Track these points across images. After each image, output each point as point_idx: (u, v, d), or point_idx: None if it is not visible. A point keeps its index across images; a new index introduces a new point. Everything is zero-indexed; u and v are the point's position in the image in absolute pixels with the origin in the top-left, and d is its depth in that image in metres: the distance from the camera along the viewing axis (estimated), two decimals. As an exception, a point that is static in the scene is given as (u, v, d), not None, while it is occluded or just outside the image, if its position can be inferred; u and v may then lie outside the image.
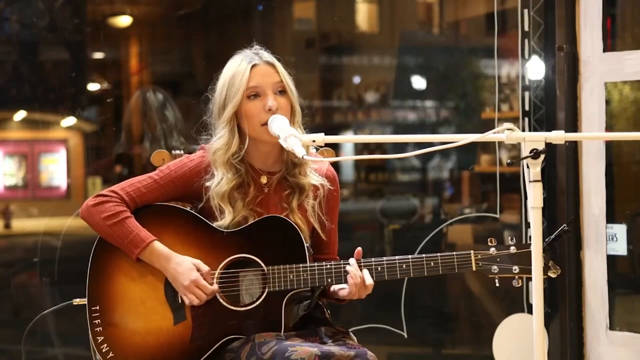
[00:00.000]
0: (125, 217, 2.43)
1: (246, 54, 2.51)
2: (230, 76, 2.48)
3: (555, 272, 2.36)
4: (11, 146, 4.45)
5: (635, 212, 3.87)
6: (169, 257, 2.42)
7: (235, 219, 2.45)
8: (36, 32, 4.22)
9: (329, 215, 2.57)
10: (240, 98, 2.45)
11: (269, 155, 2.52)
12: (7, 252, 4.39)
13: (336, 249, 2.64)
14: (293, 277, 2.41)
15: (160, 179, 2.50)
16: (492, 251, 2.42)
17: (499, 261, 2.41)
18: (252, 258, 2.43)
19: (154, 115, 4.13)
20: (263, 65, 2.48)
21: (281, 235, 2.43)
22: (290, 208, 2.50)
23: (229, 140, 2.47)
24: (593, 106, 3.70)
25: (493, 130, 2.09)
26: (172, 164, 2.54)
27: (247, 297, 2.44)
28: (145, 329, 2.45)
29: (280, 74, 2.49)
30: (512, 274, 2.41)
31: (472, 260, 2.42)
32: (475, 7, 4.84)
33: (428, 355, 4.53)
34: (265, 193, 2.51)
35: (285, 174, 2.52)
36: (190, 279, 2.39)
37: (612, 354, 3.68)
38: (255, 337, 2.37)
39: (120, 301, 2.46)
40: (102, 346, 2.44)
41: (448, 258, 2.42)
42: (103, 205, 2.44)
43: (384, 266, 2.43)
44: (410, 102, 4.98)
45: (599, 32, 3.68)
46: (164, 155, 2.71)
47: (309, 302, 2.52)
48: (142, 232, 2.42)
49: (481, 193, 4.70)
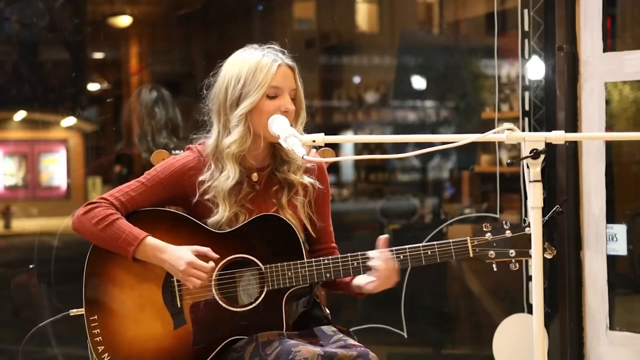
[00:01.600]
0: (116, 219, 2.42)
1: (268, 51, 2.47)
2: (253, 69, 2.43)
3: (550, 253, 2.35)
4: (11, 146, 4.45)
5: (635, 212, 3.87)
6: (164, 248, 2.39)
7: (227, 215, 2.43)
8: (36, 32, 4.22)
9: (322, 208, 2.56)
10: (261, 95, 2.41)
11: (260, 154, 2.50)
12: (7, 252, 4.39)
13: (332, 237, 2.62)
14: (291, 275, 2.40)
15: (147, 181, 2.48)
16: (487, 236, 2.41)
17: (495, 246, 2.40)
18: (249, 258, 2.42)
19: (142, 111, 4.12)
20: (286, 67, 2.46)
21: (276, 233, 2.42)
22: (279, 204, 2.49)
23: (245, 135, 2.43)
24: (593, 106, 3.70)
25: (493, 130, 2.09)
26: (159, 165, 2.52)
27: (245, 298, 2.44)
28: (145, 335, 2.43)
29: (297, 80, 2.48)
30: (509, 257, 2.40)
31: (468, 246, 2.41)
32: (475, 7, 4.85)
33: (428, 355, 4.53)
34: (256, 190, 2.50)
35: (273, 169, 2.51)
36: (186, 262, 2.36)
37: (612, 354, 3.68)
38: (259, 337, 2.36)
39: (119, 309, 2.45)
40: (103, 355, 2.42)
41: (445, 246, 2.41)
42: (92, 211, 2.43)
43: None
44: (410, 102, 4.99)
45: (599, 32, 3.68)
46: (164, 155, 2.69)
47: (308, 299, 2.51)
48: (135, 230, 2.41)
49: (481, 193, 4.70)
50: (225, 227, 2.45)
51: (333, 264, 2.42)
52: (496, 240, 2.41)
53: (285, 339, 2.33)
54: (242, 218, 2.46)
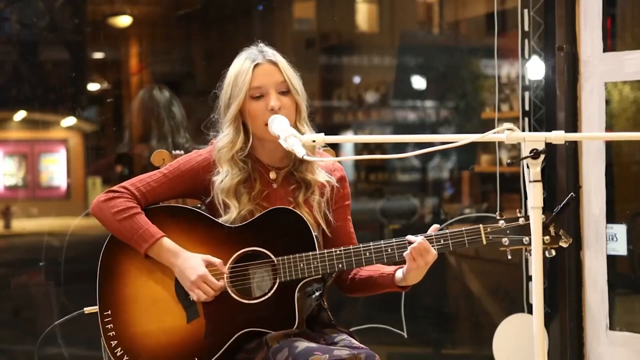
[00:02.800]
0: (136, 213, 2.44)
1: (250, 52, 2.51)
2: (234, 75, 2.48)
3: (566, 242, 2.34)
4: (11, 146, 4.45)
5: (635, 212, 3.87)
6: (178, 253, 2.42)
7: (240, 212, 2.45)
8: (36, 32, 4.22)
9: (341, 210, 2.58)
10: (243, 98, 2.46)
11: (276, 152, 2.52)
12: (7, 252, 4.39)
13: (353, 237, 2.62)
14: (303, 266, 2.40)
15: (169, 173, 2.51)
16: (501, 224, 2.39)
17: (509, 233, 2.39)
18: (261, 250, 2.43)
19: (162, 112, 4.13)
20: (266, 64, 2.48)
21: (288, 225, 2.43)
22: (296, 202, 2.50)
23: (234, 138, 2.48)
24: (593, 106, 3.70)
25: (493, 130, 2.09)
26: (181, 158, 2.55)
27: (258, 290, 2.44)
28: (158, 329, 2.44)
29: (284, 73, 2.48)
30: (523, 245, 2.38)
31: (481, 234, 2.40)
32: (475, 7, 4.85)
33: (428, 355, 4.53)
34: (273, 188, 2.52)
35: (292, 169, 2.53)
36: (198, 274, 2.38)
37: (612, 354, 3.68)
38: (268, 339, 2.36)
39: (132, 303, 2.46)
40: (116, 350, 2.44)
41: (457, 234, 2.41)
42: (114, 200, 2.46)
43: (393, 247, 2.41)
44: (410, 102, 4.99)
45: (599, 32, 3.68)
46: (164, 155, 2.71)
47: (321, 292, 2.52)
48: (152, 228, 2.43)
49: (481, 193, 4.70)
50: (238, 223, 2.46)
51: (345, 255, 2.42)
52: (510, 227, 2.39)
53: (293, 343, 2.32)
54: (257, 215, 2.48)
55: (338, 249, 2.42)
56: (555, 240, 2.35)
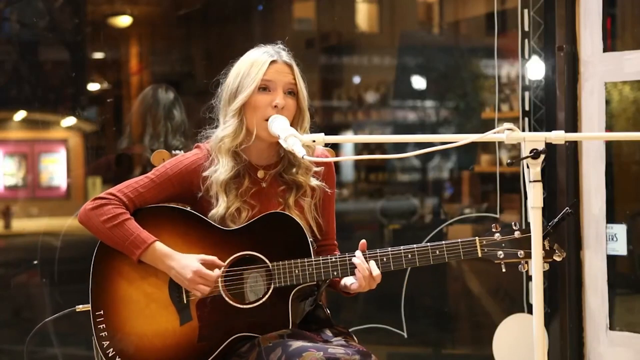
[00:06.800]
0: (125, 219, 2.43)
1: (268, 49, 2.52)
2: (249, 66, 2.48)
3: (560, 255, 2.37)
4: (11, 146, 4.45)
5: (635, 212, 3.87)
6: (171, 256, 2.41)
7: (229, 209, 2.45)
8: (36, 32, 4.22)
9: (327, 205, 2.58)
10: (253, 89, 2.45)
11: (264, 151, 2.52)
12: (7, 252, 4.39)
13: (334, 234, 2.64)
14: (298, 272, 2.40)
15: (156, 178, 2.49)
16: (496, 237, 2.41)
17: (504, 246, 2.41)
18: (256, 255, 2.43)
19: (160, 111, 4.12)
20: (281, 63, 2.49)
21: (284, 231, 2.43)
22: (286, 204, 2.50)
23: (238, 129, 2.47)
24: (593, 106, 3.70)
25: (493, 130, 2.09)
26: (168, 162, 2.53)
27: (252, 295, 2.44)
28: (151, 331, 2.44)
29: (296, 75, 2.50)
30: (518, 258, 2.40)
31: (477, 246, 2.41)
32: (475, 7, 4.85)
33: (428, 355, 4.53)
34: (262, 187, 2.52)
35: (281, 171, 2.53)
36: (192, 271, 2.38)
37: (612, 354, 3.68)
38: (261, 341, 2.36)
39: (125, 305, 2.45)
40: (108, 351, 2.43)
41: (453, 246, 2.42)
42: (102, 208, 2.44)
43: (389, 257, 2.42)
44: (410, 102, 4.99)
45: (599, 32, 3.68)
46: (164, 155, 2.70)
47: (315, 298, 2.52)
48: (143, 233, 2.42)
49: (481, 193, 4.70)
50: (228, 223, 2.46)
51: (340, 263, 2.42)
52: (505, 240, 2.41)
53: (286, 342, 2.32)
54: (245, 214, 2.47)
55: (333, 257, 2.43)
56: (549, 255, 2.38)
